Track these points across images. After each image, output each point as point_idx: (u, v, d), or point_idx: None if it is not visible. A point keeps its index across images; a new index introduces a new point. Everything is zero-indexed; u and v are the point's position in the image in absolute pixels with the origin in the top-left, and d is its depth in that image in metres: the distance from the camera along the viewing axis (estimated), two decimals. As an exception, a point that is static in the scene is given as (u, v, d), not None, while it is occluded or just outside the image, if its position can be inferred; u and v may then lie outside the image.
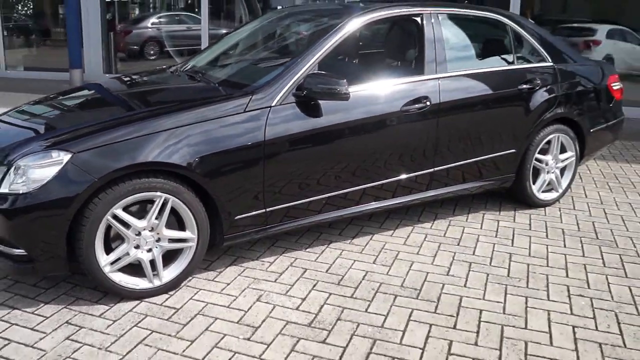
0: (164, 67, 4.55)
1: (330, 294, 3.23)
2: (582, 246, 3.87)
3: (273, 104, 3.31)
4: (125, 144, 2.98)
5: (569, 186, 4.65)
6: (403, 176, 3.78)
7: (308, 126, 3.36)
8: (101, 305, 3.10)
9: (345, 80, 3.30)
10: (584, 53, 8.49)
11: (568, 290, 3.29)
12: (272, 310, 3.07)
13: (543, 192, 4.52)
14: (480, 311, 3.07)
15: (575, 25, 9.05)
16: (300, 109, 3.37)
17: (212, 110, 3.20)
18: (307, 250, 3.77)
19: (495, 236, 4.01)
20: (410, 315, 3.02)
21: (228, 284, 3.34)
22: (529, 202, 4.47)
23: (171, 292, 3.24)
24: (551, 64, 4.39)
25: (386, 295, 3.21)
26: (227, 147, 3.17)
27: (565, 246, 3.87)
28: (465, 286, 3.32)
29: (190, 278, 3.39)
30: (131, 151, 2.96)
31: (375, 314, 3.03)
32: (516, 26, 4.31)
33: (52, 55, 10.41)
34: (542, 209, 4.53)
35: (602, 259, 3.69)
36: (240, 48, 4.26)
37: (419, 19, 3.90)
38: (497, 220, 4.29)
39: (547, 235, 4.04)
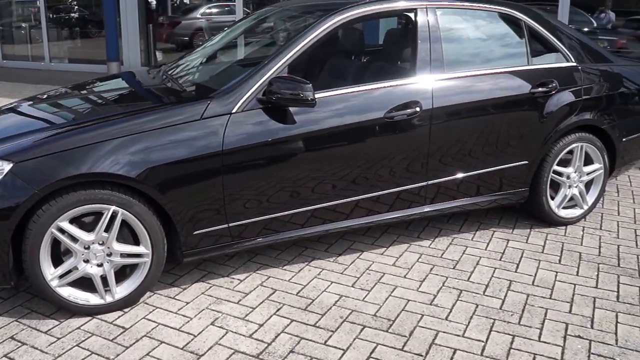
0: (149, 68, 4.32)
1: (292, 320, 2.93)
2: (597, 275, 3.38)
3: (234, 111, 3.02)
4: (71, 153, 2.78)
5: (596, 202, 4.12)
6: (387, 190, 3.40)
7: (274, 135, 3.06)
8: (52, 320, 2.94)
9: (310, 85, 2.97)
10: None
11: (566, 330, 2.85)
12: (224, 336, 2.80)
13: (564, 208, 4.02)
14: (454, 351, 2.68)
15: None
16: (268, 115, 3.07)
17: (165, 118, 2.95)
18: (284, 267, 3.47)
19: (500, 259, 3.57)
20: (372, 352, 2.67)
21: (187, 303, 3.10)
22: (547, 219, 3.99)
23: (126, 309, 3.03)
24: (574, 64, 3.87)
25: (353, 326, 2.87)
26: (181, 157, 2.92)
27: (577, 274, 3.39)
28: (446, 319, 2.93)
29: (151, 294, 3.17)
30: (76, 161, 2.76)
31: (334, 347, 2.71)
32: (532, 22, 3.81)
33: (96, 47, 10.51)
34: (563, 227, 4.03)
35: (618, 291, 3.20)
36: (224, 48, 3.97)
37: (412, 15, 3.49)
38: (507, 239, 3.84)
39: (560, 260, 3.56)
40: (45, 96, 3.82)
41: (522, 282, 3.29)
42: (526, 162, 3.73)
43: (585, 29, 8.17)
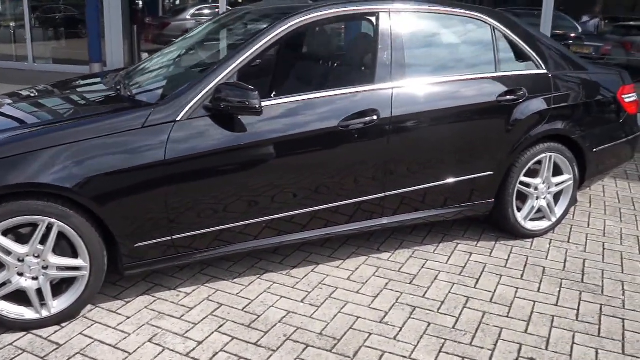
0: (109, 71, 4.18)
1: (234, 338, 2.80)
2: (559, 291, 3.26)
3: (178, 119, 2.90)
4: (6, 161, 2.65)
5: (565, 214, 3.99)
6: (343, 202, 3.28)
7: (220, 144, 2.93)
8: (-16, 336, 2.80)
9: (256, 92, 2.85)
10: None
11: (519, 351, 2.72)
12: (159, 354, 2.67)
13: (532, 220, 3.89)
14: (398, 374, 2.55)
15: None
16: (215, 124, 2.94)
17: (105, 126, 2.82)
18: (235, 280, 3.35)
19: (460, 273, 3.44)
20: (311, 374, 2.54)
21: (128, 318, 2.97)
22: (513, 232, 3.86)
23: (64, 324, 2.90)
24: (545, 71, 3.74)
25: (296, 345, 2.74)
26: (121, 167, 2.79)
27: (538, 290, 3.27)
28: (395, 338, 2.80)
29: (92, 307, 3.05)
30: (4, 171, 2.63)
31: (272, 368, 2.58)
32: (502, 27, 3.67)
33: (83, 47, 10.39)
34: (530, 240, 3.90)
35: (578, 310, 3.07)
36: (182, 53, 3.83)
37: (374, 19, 3.36)
38: (470, 252, 3.71)
39: (522, 275, 3.43)
40: None
41: (479, 299, 3.16)
42: (491, 172, 3.60)
43: (572, 35, 8.07)
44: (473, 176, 3.56)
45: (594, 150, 3.90)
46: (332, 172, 3.19)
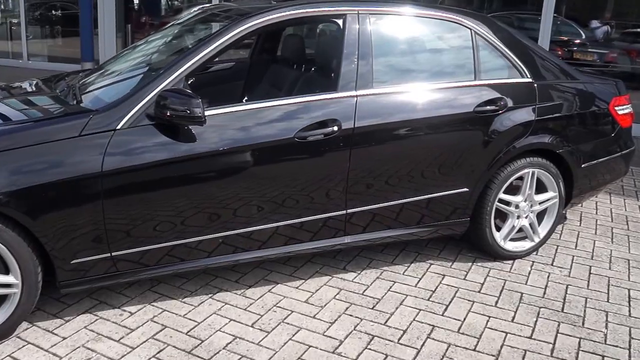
0: (66, 74, 3.94)
1: (170, 366, 2.56)
2: (535, 321, 2.98)
3: (118, 127, 2.66)
4: None
5: (549, 234, 3.71)
6: (301, 219, 3.03)
7: (163, 156, 2.69)
8: None
9: (199, 100, 2.61)
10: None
11: (481, 392, 2.45)
12: (85, 385, 2.43)
13: (513, 240, 3.62)
14: (342, 415, 2.29)
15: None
16: (159, 133, 2.71)
17: (40, 134, 2.60)
18: (184, 299, 3.11)
19: (428, 298, 3.18)
20: (246, 413, 2.29)
21: (64, 339, 2.75)
22: (491, 253, 3.59)
23: (-8, 345, 2.68)
24: (530, 80, 3.46)
25: (236, 377, 2.50)
26: (55, 178, 2.56)
27: (513, 320, 2.99)
28: (345, 372, 2.55)
29: (29, 325, 2.83)
30: None
31: (204, 405, 2.33)
32: (484, 32, 3.40)
33: (77, 46, 10.22)
34: (510, 262, 3.62)
35: (554, 344, 2.80)
36: (142, 54, 3.58)
37: (340, 21, 3.10)
38: (443, 274, 3.44)
39: (496, 302, 3.16)
40: None
41: (446, 328, 2.90)
42: (466, 189, 3.33)
43: (576, 41, 7.76)
44: (445, 193, 3.29)
45: (582, 166, 3.61)
46: (289, 187, 2.94)
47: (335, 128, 2.94)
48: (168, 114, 2.61)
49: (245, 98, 4.07)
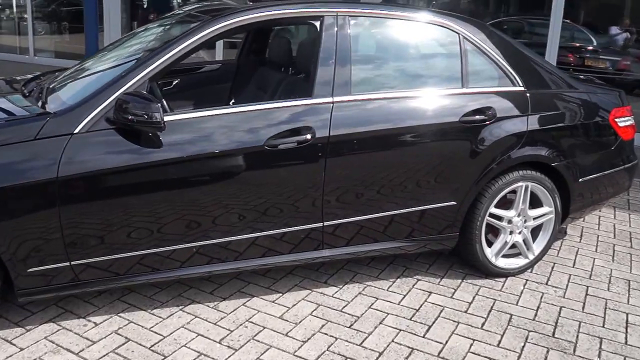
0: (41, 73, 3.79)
1: (125, 387, 2.40)
2: (522, 347, 2.79)
3: (76, 131, 2.52)
4: None
5: (545, 252, 3.52)
6: (274, 231, 2.87)
7: (122, 161, 2.55)
8: None
9: (159, 105, 2.47)
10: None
11: None
12: (33, 403, 2.29)
13: (505, 257, 3.43)
14: None
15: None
16: (119, 138, 2.57)
17: None
18: (153, 311, 2.97)
19: (411, 317, 3.00)
20: None
21: (21, 350, 2.64)
22: (482, 269, 3.40)
23: (-57, 356, 2.55)
24: (522, 89, 3.27)
25: (194, 400, 2.34)
26: (8, 183, 2.44)
27: (498, 344, 2.81)
28: (312, 398, 2.38)
29: (-18, 337, 2.70)
30: None
31: None
32: (473, 37, 3.21)
33: (83, 42, 10.15)
34: (502, 280, 3.43)
35: (539, 373, 2.61)
36: (114, 55, 3.41)
37: (317, 23, 2.94)
38: (429, 291, 3.26)
39: (483, 324, 2.97)
40: None
41: (425, 352, 2.72)
42: (453, 203, 3.14)
43: (589, 48, 7.54)
44: (430, 206, 3.11)
45: (580, 180, 3.41)
46: (260, 198, 2.78)
47: (309, 136, 2.77)
48: (128, 118, 2.47)
49: (232, 101, 3.92)
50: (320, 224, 2.92)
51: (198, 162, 2.64)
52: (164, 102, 2.79)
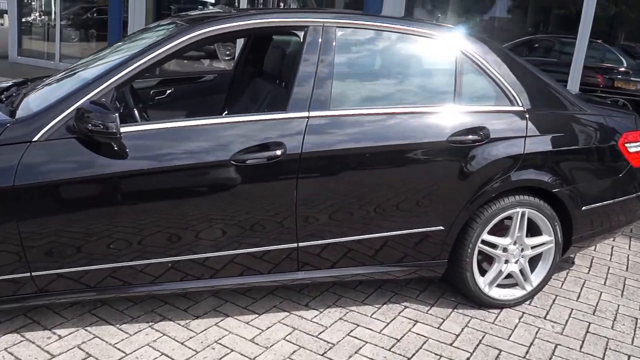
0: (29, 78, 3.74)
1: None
2: (507, 387, 2.58)
3: (35, 139, 2.44)
4: None
5: (544, 283, 3.29)
6: (241, 250, 2.73)
7: (80, 172, 2.46)
8: None
9: (115, 115, 2.36)
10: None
11: None
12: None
13: (500, 287, 3.22)
14: None
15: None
16: (79, 147, 2.48)
17: None
18: (121, 326, 2.85)
19: (390, 348, 2.81)
20: None
21: (-25, 365, 2.52)
22: (475, 300, 3.19)
23: None
24: (521, 108, 3.07)
25: None
26: None
27: (481, 382, 2.60)
28: None
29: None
30: None
31: None
32: (471, 51, 3.03)
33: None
34: (497, 311, 3.21)
35: (521, 417, 2.39)
36: (92, 63, 3.30)
37: (301, 34, 2.80)
38: (415, 320, 3.07)
39: (467, 359, 2.77)
40: None
41: (400, 386, 2.53)
42: (441, 227, 2.96)
43: (620, 69, 7.26)
44: (414, 231, 2.93)
45: (584, 207, 3.18)
46: (226, 214, 2.64)
47: (279, 152, 2.62)
48: (87, 127, 2.37)
49: (226, 112, 3.81)
50: (295, 245, 2.77)
51: (159, 175, 2.52)
52: (136, 112, 2.69)
